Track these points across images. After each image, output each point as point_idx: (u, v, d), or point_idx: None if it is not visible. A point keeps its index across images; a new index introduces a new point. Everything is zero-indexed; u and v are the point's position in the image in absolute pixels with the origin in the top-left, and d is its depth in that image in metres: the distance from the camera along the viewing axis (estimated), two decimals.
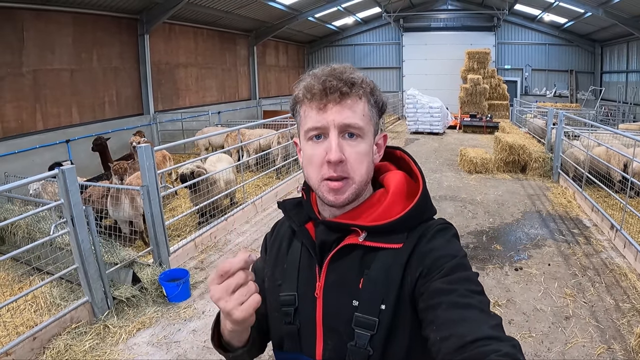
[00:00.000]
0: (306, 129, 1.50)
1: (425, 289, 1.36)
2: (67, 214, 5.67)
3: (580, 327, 5.60)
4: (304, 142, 1.54)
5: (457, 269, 1.37)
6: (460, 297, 1.28)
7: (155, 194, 7.09)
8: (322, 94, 1.45)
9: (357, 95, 1.47)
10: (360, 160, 1.48)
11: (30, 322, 5.88)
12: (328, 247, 1.55)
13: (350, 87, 1.46)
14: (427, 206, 1.56)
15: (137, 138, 11.53)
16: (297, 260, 1.65)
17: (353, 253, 1.52)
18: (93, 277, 5.92)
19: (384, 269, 1.46)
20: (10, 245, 8.25)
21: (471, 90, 26.76)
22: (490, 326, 1.20)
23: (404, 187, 1.59)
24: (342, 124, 1.45)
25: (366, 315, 1.44)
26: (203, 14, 21.07)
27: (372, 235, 1.50)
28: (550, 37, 31.10)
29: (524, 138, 15.73)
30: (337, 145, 1.44)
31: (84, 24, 15.72)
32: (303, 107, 1.52)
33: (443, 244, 1.45)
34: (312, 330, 1.56)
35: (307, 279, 1.60)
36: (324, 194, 1.50)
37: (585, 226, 9.22)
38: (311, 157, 1.50)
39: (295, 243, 1.70)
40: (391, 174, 1.65)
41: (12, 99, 13.43)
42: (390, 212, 1.51)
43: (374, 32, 34.88)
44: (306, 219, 1.66)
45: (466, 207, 10.55)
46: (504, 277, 6.98)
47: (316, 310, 1.55)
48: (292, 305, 1.60)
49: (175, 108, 21.11)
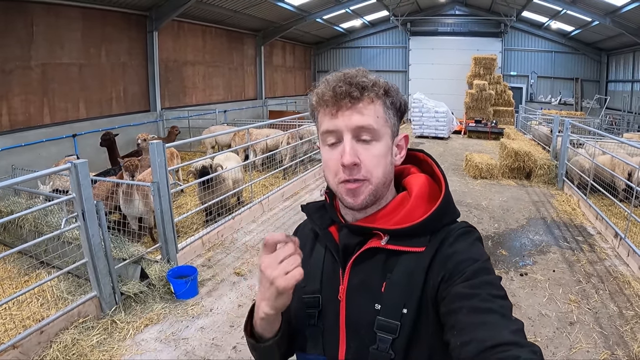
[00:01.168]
0: (321, 132, 1.53)
1: (447, 293, 1.37)
2: (78, 208, 5.68)
3: (584, 333, 5.65)
4: (321, 146, 1.57)
5: (480, 273, 1.37)
6: (481, 302, 1.29)
7: (166, 190, 7.12)
8: (333, 100, 1.48)
9: (369, 99, 1.49)
10: (376, 162, 1.49)
11: (37, 315, 5.88)
12: (351, 251, 1.57)
13: (362, 91, 1.47)
14: (449, 209, 1.56)
15: (144, 135, 11.59)
16: (321, 262, 1.67)
17: (376, 256, 1.53)
18: (102, 272, 5.94)
19: (406, 273, 1.47)
20: (15, 238, 8.28)
21: (477, 96, 26.80)
22: (510, 331, 1.20)
23: (426, 190, 1.59)
24: (355, 127, 1.47)
25: (388, 318, 1.45)
26: (212, 12, 21.11)
27: (395, 239, 1.51)
28: (557, 44, 31.15)
29: (529, 145, 15.76)
30: (351, 148, 1.46)
31: (93, 19, 15.79)
32: (319, 113, 1.55)
33: (465, 247, 1.45)
34: (335, 332, 1.57)
35: (330, 282, 1.61)
36: (342, 196, 1.52)
37: (589, 234, 9.26)
38: (328, 161, 1.53)
39: (318, 246, 1.72)
40: (413, 177, 1.66)
41: (20, 92, 13.50)
42: (413, 216, 1.51)
43: (381, 35, 34.93)
44: (329, 222, 1.68)
45: (471, 212, 10.59)
46: (510, 282, 7.04)
47: (339, 313, 1.56)
48: (316, 308, 1.62)
49: (182, 106, 21.13)
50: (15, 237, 8.26)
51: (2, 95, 13.02)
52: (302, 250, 1.63)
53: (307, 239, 1.76)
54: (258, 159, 13.21)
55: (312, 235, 1.76)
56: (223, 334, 5.67)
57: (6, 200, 8.94)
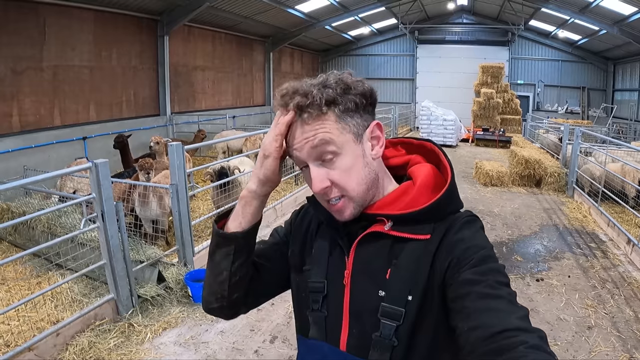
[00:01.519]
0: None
1: (454, 280, 1.37)
2: (97, 209, 5.64)
3: (602, 337, 5.68)
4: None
5: (487, 260, 1.38)
6: (488, 288, 1.29)
7: (184, 193, 7.10)
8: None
9: (317, 114, 1.44)
10: (346, 176, 1.48)
11: (52, 317, 5.84)
12: (353, 235, 1.57)
13: (302, 110, 1.43)
14: (454, 198, 1.56)
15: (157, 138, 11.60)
16: (327, 247, 1.66)
17: (380, 242, 1.53)
18: (120, 274, 5.88)
19: (412, 260, 1.47)
20: (26, 239, 8.21)
21: (484, 104, 26.88)
22: (518, 317, 1.22)
23: (431, 180, 1.58)
24: (312, 153, 1.45)
25: (393, 305, 1.45)
26: (222, 17, 21.17)
27: (399, 224, 1.50)
28: (564, 53, 31.16)
29: (538, 153, 15.78)
30: (317, 175, 1.47)
31: (104, 22, 15.87)
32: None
33: (471, 235, 1.46)
34: (338, 318, 1.57)
35: (336, 267, 1.61)
36: (331, 213, 1.55)
37: (601, 240, 9.30)
38: (307, 182, 1.54)
39: (322, 229, 1.71)
40: (419, 167, 1.65)
41: (31, 93, 13.55)
42: (417, 203, 1.51)
43: (388, 43, 34.91)
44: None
45: (484, 219, 10.51)
46: (526, 288, 7.05)
47: (344, 299, 1.56)
48: (321, 292, 1.61)
49: (191, 110, 21.18)
50: (27, 239, 8.19)
51: (13, 96, 13.06)
52: (307, 231, 1.77)
53: (312, 220, 1.77)
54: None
55: (317, 218, 1.75)
56: (244, 338, 5.64)
57: (17, 201, 8.87)
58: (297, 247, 1.75)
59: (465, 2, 30.03)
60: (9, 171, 11.49)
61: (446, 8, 31.06)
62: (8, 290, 6.68)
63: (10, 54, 12.78)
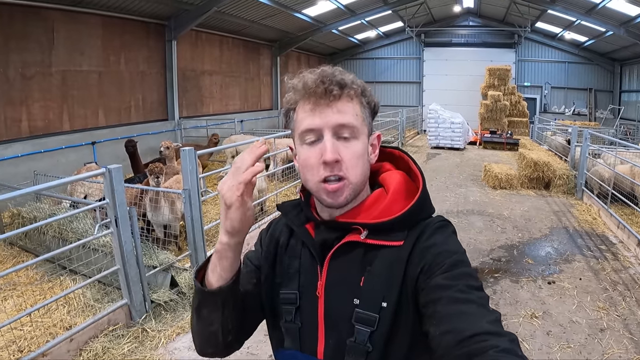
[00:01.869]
0: (300, 132, 1.53)
1: (426, 285, 1.39)
2: (111, 214, 5.65)
3: (615, 339, 5.68)
4: (299, 146, 1.57)
5: (458, 265, 1.39)
6: (459, 293, 1.31)
7: (197, 198, 7.09)
8: (313, 98, 1.49)
9: (348, 96, 1.50)
10: (356, 160, 1.51)
11: (64, 322, 5.86)
12: (329, 245, 1.57)
13: (341, 88, 1.48)
14: (426, 204, 1.58)
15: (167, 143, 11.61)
16: (298, 259, 1.66)
17: (354, 251, 1.54)
18: (133, 279, 5.89)
19: (385, 267, 1.48)
20: (36, 244, 8.25)
21: (491, 107, 26.88)
22: (489, 321, 1.23)
23: (403, 187, 1.61)
24: (336, 125, 1.48)
25: (367, 311, 1.46)
26: (230, 22, 21.25)
27: (373, 233, 1.51)
28: (570, 55, 31.11)
29: (547, 155, 15.79)
30: (332, 145, 1.47)
31: (112, 27, 15.97)
32: (297, 111, 1.55)
33: (443, 240, 1.48)
34: (313, 328, 1.57)
35: (308, 278, 1.61)
36: (322, 197, 1.53)
37: (611, 242, 9.28)
38: (307, 159, 1.52)
39: (293, 241, 1.71)
40: (390, 174, 1.68)
41: (40, 98, 13.64)
42: (391, 211, 1.53)
43: (395, 47, 34.94)
44: (305, 219, 1.68)
45: (494, 222, 10.62)
46: (538, 290, 7.06)
47: (318, 309, 1.56)
48: (293, 304, 1.62)
49: (199, 115, 21.25)
50: (37, 243, 8.22)
51: (22, 101, 13.15)
52: (277, 245, 1.75)
53: (281, 234, 1.76)
54: (278, 169, 13.24)
55: (286, 230, 1.76)
56: (257, 343, 5.59)
57: (28, 206, 8.89)
58: (268, 263, 1.74)
59: (472, 5, 30.01)
60: (18, 176, 11.56)
61: (452, 11, 31.13)
62: (20, 295, 6.69)
63: (19, 59, 12.87)
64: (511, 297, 6.86)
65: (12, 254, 8.40)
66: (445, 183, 15.10)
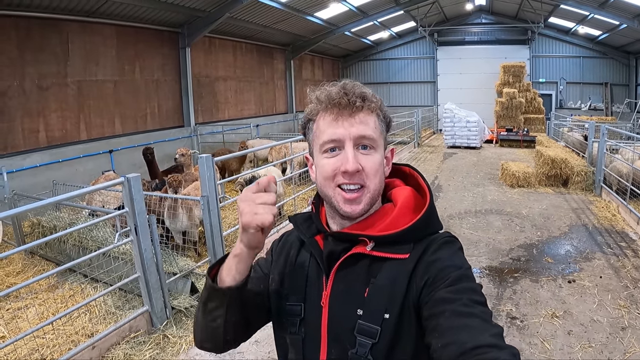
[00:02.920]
0: (322, 142, 1.57)
1: (429, 298, 1.40)
2: (130, 223, 5.69)
3: (637, 338, 5.63)
4: (318, 155, 1.61)
5: (462, 280, 1.41)
6: (463, 307, 1.32)
7: (215, 204, 7.11)
8: (337, 109, 1.54)
9: (369, 109, 1.56)
10: (375, 170, 1.56)
11: (86, 330, 5.90)
12: (335, 257, 1.60)
13: (363, 100, 1.54)
14: (433, 219, 1.61)
15: (182, 150, 11.67)
16: (305, 270, 1.69)
17: (360, 263, 1.56)
18: (154, 286, 5.93)
19: (390, 279, 1.50)
20: (57, 253, 8.30)
21: (507, 104, 26.74)
22: (491, 334, 1.24)
23: (411, 202, 1.64)
24: (358, 136, 1.53)
25: (369, 323, 1.47)
26: (242, 27, 21.37)
27: (380, 246, 1.54)
28: (585, 49, 30.89)
29: (564, 152, 15.67)
30: (354, 156, 1.52)
31: (126, 36, 16.16)
32: (317, 121, 1.60)
33: (449, 255, 1.50)
34: (317, 338, 1.59)
35: (314, 289, 1.64)
36: (339, 205, 1.56)
37: (631, 239, 9.21)
38: (326, 169, 1.56)
39: (303, 253, 1.74)
40: (399, 189, 1.71)
41: (57, 108, 13.84)
42: (398, 224, 1.56)
43: (408, 47, 34.90)
44: (315, 231, 1.71)
45: (513, 221, 10.58)
46: (559, 290, 7.02)
47: (321, 319, 1.58)
48: (297, 316, 1.64)
49: (215, 121, 21.37)
50: (58, 252, 8.28)
51: (40, 112, 13.34)
52: (287, 257, 1.78)
53: (292, 247, 1.79)
54: (296, 173, 13.24)
55: (297, 243, 1.78)
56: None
57: (48, 215, 8.93)
58: (277, 274, 1.77)
59: (484, 2, 29.95)
60: (37, 186, 11.71)
61: (464, 9, 31.01)
62: (42, 303, 6.73)
63: (36, 71, 13.05)
64: (531, 296, 6.82)
65: (32, 262, 8.48)
66: (462, 182, 15.08)
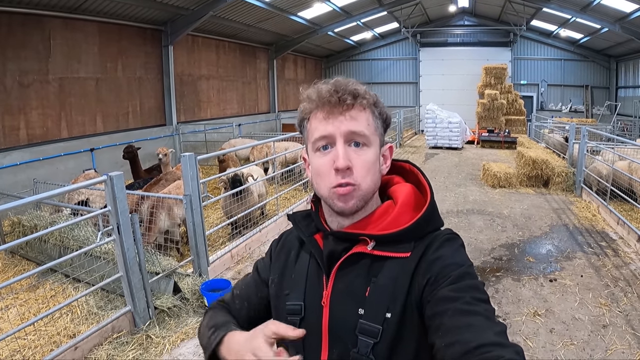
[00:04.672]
0: (314, 139, 1.55)
1: (432, 297, 1.38)
2: (113, 222, 5.64)
3: (618, 335, 5.71)
4: (311, 153, 1.60)
5: (464, 277, 1.39)
6: (465, 305, 1.30)
7: (198, 203, 7.12)
8: (328, 106, 1.52)
9: (361, 106, 1.53)
10: (367, 168, 1.53)
11: (68, 331, 5.86)
12: (336, 257, 1.58)
13: (354, 98, 1.51)
14: (434, 217, 1.59)
15: (164, 150, 11.65)
16: (305, 270, 1.68)
17: (361, 262, 1.54)
18: (136, 286, 5.89)
19: (391, 278, 1.48)
20: (38, 252, 8.21)
21: (488, 106, 26.90)
22: (494, 332, 1.22)
23: (412, 199, 1.62)
24: (348, 132, 1.50)
25: (371, 322, 1.45)
26: (226, 26, 21.36)
27: (380, 244, 1.52)
28: (566, 52, 31.20)
29: (545, 153, 15.83)
30: (344, 152, 1.49)
31: (109, 33, 16.03)
32: (310, 120, 1.58)
33: (450, 252, 1.48)
34: (317, 338, 1.56)
35: (314, 289, 1.62)
36: (333, 201, 1.54)
37: (611, 239, 9.32)
38: (319, 167, 1.55)
39: (303, 253, 1.73)
40: (399, 187, 1.69)
41: (37, 106, 13.69)
42: (399, 222, 1.54)
43: (391, 47, 35.04)
44: (315, 230, 1.70)
45: (495, 221, 10.65)
46: (540, 288, 7.08)
47: (322, 319, 1.56)
48: (298, 315, 1.62)
49: (197, 120, 21.31)
50: (38, 252, 8.19)
51: (20, 109, 13.20)
52: (287, 258, 1.77)
53: (292, 246, 1.79)
54: (278, 173, 13.25)
55: (297, 242, 1.78)
56: None
57: (28, 214, 8.83)
58: (277, 275, 1.77)
59: (467, 4, 30.03)
60: (17, 184, 11.63)
61: (447, 11, 31.19)
62: (23, 304, 6.67)
63: (17, 67, 12.91)
64: (513, 295, 6.87)
65: (13, 262, 8.38)
66: (444, 183, 15.13)
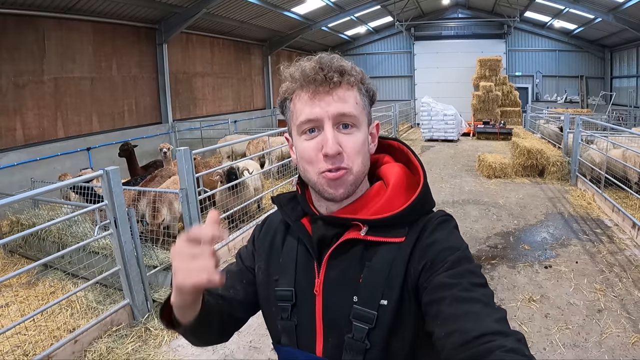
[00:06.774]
0: (299, 122, 1.45)
1: (428, 283, 1.34)
2: (110, 216, 5.68)
3: (613, 319, 5.76)
4: (296, 137, 1.50)
5: (461, 262, 1.34)
6: (464, 291, 1.26)
7: (194, 197, 7.17)
8: (313, 85, 1.42)
9: (348, 84, 1.44)
10: (357, 151, 1.45)
11: (67, 325, 5.89)
12: (327, 243, 1.52)
13: (341, 75, 1.42)
14: (428, 198, 1.53)
15: (167, 145, 11.71)
16: (294, 255, 1.60)
17: (353, 248, 1.48)
18: (134, 279, 5.94)
19: (386, 263, 1.43)
20: (36, 250, 8.22)
21: (484, 98, 26.99)
22: (494, 320, 1.19)
23: (403, 180, 1.55)
24: (337, 114, 1.41)
25: (365, 308, 1.41)
26: (219, 23, 21.34)
27: (374, 230, 1.46)
28: (560, 43, 31.27)
29: (540, 143, 15.88)
30: (334, 137, 1.40)
31: (103, 33, 16.03)
32: (293, 100, 1.48)
33: (445, 236, 1.43)
34: (311, 326, 1.52)
35: (305, 275, 1.56)
36: (323, 187, 1.46)
37: (606, 226, 9.37)
38: (306, 151, 1.45)
39: (289, 237, 1.66)
40: (389, 166, 1.62)
41: (33, 106, 13.69)
42: (392, 206, 1.47)
43: (385, 41, 35.08)
44: (301, 214, 1.62)
45: (490, 210, 10.71)
46: (535, 275, 7.14)
47: (315, 307, 1.51)
48: (289, 301, 1.56)
49: (193, 117, 21.32)
50: (37, 250, 8.19)
51: (16, 110, 13.20)
52: (272, 243, 1.69)
53: (277, 231, 1.71)
54: (274, 167, 13.24)
55: (282, 227, 1.70)
56: (260, 337, 5.65)
57: (26, 213, 8.88)
58: (262, 261, 1.69)
59: None
60: (14, 185, 11.62)
61: (441, 3, 31.28)
62: (23, 300, 6.72)
63: (12, 68, 12.91)
64: (509, 282, 6.93)
65: (12, 261, 8.41)
66: (440, 174, 15.18)
